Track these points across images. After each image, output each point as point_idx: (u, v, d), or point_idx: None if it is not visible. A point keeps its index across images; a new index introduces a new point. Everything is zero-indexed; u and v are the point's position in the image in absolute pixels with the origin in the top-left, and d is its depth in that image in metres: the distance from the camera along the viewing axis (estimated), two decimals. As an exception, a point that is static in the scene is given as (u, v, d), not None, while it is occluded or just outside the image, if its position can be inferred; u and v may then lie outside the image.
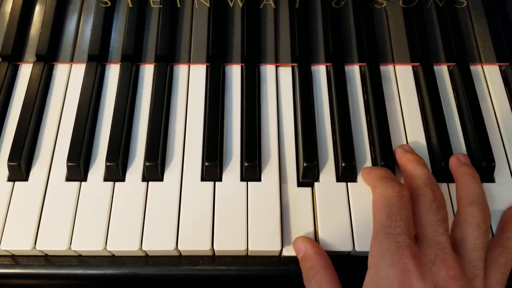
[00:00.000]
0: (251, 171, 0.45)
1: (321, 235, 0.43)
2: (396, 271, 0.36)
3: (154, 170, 0.45)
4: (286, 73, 0.52)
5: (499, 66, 0.54)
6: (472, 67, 0.53)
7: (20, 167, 0.45)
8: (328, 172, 0.46)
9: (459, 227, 0.41)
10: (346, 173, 0.46)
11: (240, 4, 0.52)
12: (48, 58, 0.52)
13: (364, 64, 0.53)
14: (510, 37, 0.53)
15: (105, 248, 0.43)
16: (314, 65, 0.53)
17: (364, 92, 0.52)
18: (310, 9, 0.53)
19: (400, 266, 0.36)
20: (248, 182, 0.46)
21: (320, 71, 0.53)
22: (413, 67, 0.53)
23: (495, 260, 0.40)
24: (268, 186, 0.45)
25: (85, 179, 0.46)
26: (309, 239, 0.43)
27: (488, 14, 0.53)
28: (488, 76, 0.53)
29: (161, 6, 0.52)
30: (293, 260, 0.44)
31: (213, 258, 0.44)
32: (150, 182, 0.46)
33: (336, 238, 0.43)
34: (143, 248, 0.43)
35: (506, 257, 0.41)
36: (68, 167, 0.45)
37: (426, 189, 0.41)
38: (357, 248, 0.43)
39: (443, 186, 0.46)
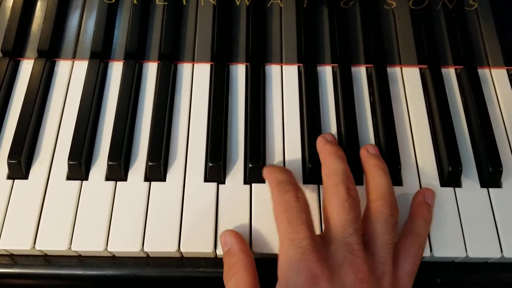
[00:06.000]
0: (255, 172, 0.45)
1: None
2: (304, 279, 0.35)
3: (156, 170, 0.45)
4: (291, 73, 0.52)
5: (507, 70, 0.53)
6: (479, 71, 0.52)
7: (20, 164, 0.45)
8: (333, 175, 0.46)
9: (368, 223, 0.39)
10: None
11: (247, 3, 0.51)
12: (49, 55, 0.51)
13: (371, 65, 0.52)
14: (519, 40, 0.52)
15: (106, 248, 0.42)
16: (320, 65, 0.52)
17: (371, 94, 0.51)
18: (318, 9, 0.52)
19: (308, 273, 0.35)
20: (252, 184, 0.45)
21: (326, 72, 0.52)
22: (420, 69, 0.53)
23: (407, 250, 0.40)
24: (272, 188, 0.45)
25: (86, 178, 0.45)
26: (237, 234, 0.41)
27: (496, 17, 0.52)
28: (496, 79, 0.52)
29: (166, 3, 0.52)
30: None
31: (215, 260, 0.44)
32: (152, 182, 0.45)
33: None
34: (145, 249, 0.42)
35: (417, 246, 0.40)
36: (69, 166, 0.45)
37: (341, 187, 0.39)
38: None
39: (449, 190, 0.45)
